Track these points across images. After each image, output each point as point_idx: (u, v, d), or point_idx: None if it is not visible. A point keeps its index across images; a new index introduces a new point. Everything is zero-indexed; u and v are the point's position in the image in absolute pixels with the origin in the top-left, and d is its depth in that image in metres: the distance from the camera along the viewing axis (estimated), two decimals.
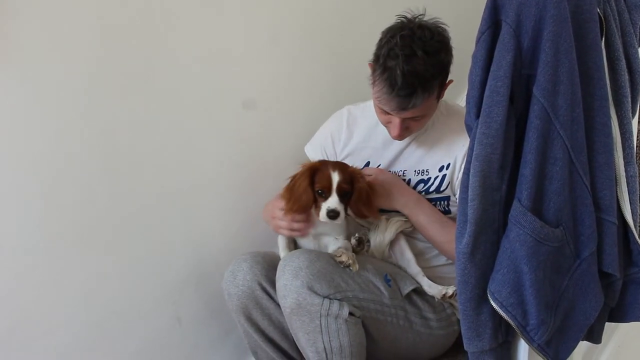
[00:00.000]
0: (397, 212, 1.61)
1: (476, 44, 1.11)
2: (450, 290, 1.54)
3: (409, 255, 1.60)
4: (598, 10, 1.12)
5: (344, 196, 1.47)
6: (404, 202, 1.58)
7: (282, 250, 1.56)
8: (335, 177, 1.46)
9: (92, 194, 1.51)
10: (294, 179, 1.51)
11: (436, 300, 1.56)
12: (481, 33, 1.10)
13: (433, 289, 1.57)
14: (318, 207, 1.48)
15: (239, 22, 1.73)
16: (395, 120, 1.49)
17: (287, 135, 1.85)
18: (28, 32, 1.35)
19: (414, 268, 1.59)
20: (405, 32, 1.41)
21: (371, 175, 1.60)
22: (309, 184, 1.47)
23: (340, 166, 1.50)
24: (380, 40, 1.47)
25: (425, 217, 1.57)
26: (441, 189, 1.58)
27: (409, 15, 1.46)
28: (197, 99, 1.67)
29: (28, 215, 1.42)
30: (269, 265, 1.54)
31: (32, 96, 1.39)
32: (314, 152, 1.73)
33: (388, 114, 1.49)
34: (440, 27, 1.45)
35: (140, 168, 1.59)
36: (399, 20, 1.47)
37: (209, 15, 1.66)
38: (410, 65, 1.38)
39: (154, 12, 1.56)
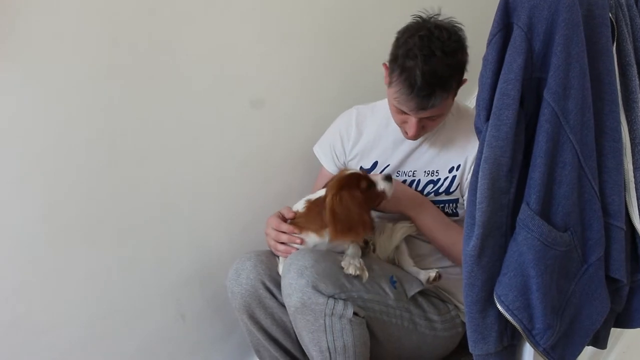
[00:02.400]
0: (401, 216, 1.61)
1: (487, 46, 1.11)
2: (433, 273, 1.56)
3: (403, 248, 1.61)
4: (610, 15, 1.12)
5: None
6: (409, 204, 1.57)
7: (280, 263, 1.54)
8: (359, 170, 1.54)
9: (96, 191, 1.51)
10: (333, 206, 1.43)
11: (424, 286, 1.57)
12: (492, 35, 1.09)
13: (420, 275, 1.58)
14: (373, 193, 1.49)
15: (248, 20, 1.72)
16: (412, 120, 1.48)
17: (294, 135, 1.85)
18: (33, 31, 1.35)
19: (406, 260, 1.60)
20: (424, 33, 1.41)
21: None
22: (360, 195, 1.45)
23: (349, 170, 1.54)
24: (397, 40, 1.46)
25: (430, 219, 1.57)
26: (450, 190, 1.57)
27: (424, 15, 1.46)
28: (204, 97, 1.67)
29: (31, 212, 1.42)
30: (273, 265, 1.54)
31: (36, 93, 1.39)
32: (323, 153, 1.73)
33: (405, 113, 1.48)
34: (456, 26, 1.45)
35: (145, 166, 1.59)
36: (414, 21, 1.46)
37: (217, 13, 1.66)
38: (429, 65, 1.38)
39: (162, 10, 1.55)
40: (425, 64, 1.38)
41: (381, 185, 1.48)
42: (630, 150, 1.16)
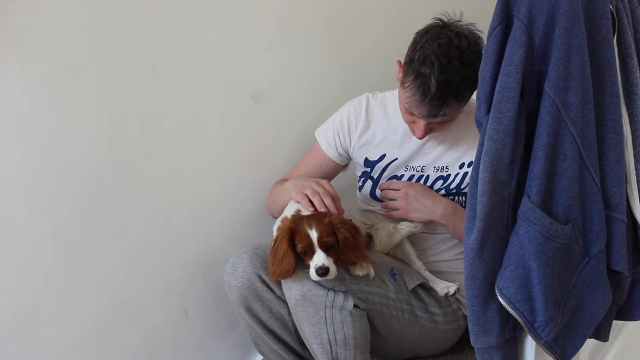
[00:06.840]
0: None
1: (487, 39, 1.10)
2: (452, 290, 1.56)
3: (409, 250, 1.60)
4: (610, 6, 1.11)
5: (329, 249, 1.38)
6: (441, 214, 1.57)
7: None
8: (314, 234, 1.37)
9: (100, 185, 1.51)
10: (275, 242, 1.41)
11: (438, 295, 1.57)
12: (492, 28, 1.09)
13: (436, 284, 1.57)
14: (308, 266, 1.39)
15: (249, 15, 1.72)
16: (421, 123, 1.48)
17: (296, 128, 1.85)
18: (37, 26, 1.35)
19: (415, 262, 1.60)
20: (443, 40, 1.38)
21: (399, 189, 1.59)
22: (289, 247, 1.38)
23: (317, 218, 1.40)
24: (415, 42, 1.44)
25: (462, 225, 1.56)
26: (462, 187, 1.57)
27: (445, 19, 1.44)
28: (205, 91, 1.67)
29: (36, 205, 1.42)
30: None
31: (41, 88, 1.38)
32: (325, 137, 1.71)
33: (414, 115, 1.47)
34: (476, 34, 1.43)
35: (148, 162, 1.59)
36: (434, 24, 1.44)
37: (218, 8, 1.66)
38: (445, 74, 1.36)
39: (162, 7, 1.55)
40: (442, 72, 1.36)
41: (312, 269, 1.37)
42: (632, 142, 1.16)
